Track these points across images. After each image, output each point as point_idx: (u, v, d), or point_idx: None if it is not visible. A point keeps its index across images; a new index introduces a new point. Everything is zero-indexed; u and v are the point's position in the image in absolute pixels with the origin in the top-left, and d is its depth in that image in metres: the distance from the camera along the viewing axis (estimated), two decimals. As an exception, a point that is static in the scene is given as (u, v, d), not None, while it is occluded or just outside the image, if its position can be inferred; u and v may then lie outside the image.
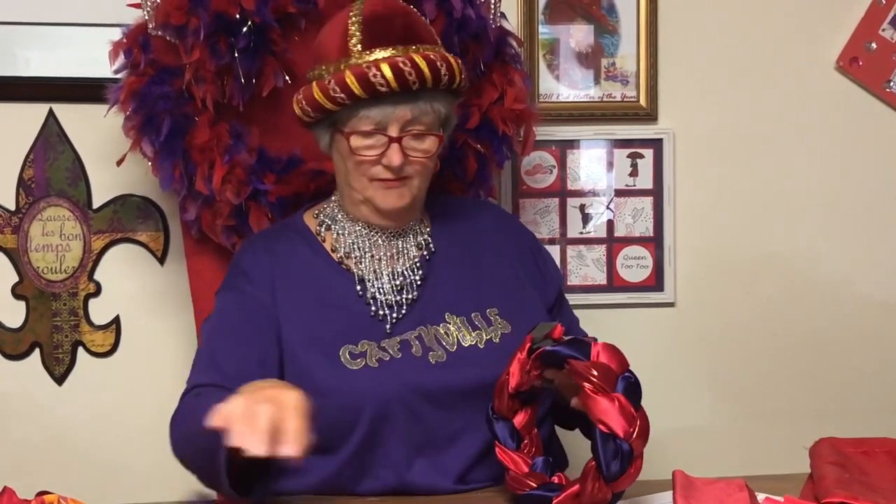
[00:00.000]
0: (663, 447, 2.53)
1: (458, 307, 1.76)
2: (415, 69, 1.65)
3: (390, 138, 1.69)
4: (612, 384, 1.45)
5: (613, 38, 2.46)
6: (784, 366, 2.56)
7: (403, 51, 1.67)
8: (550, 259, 1.97)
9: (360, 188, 1.74)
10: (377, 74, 1.64)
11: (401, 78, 1.65)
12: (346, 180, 1.76)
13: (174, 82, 1.96)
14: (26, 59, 2.25)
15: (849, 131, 2.53)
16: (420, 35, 1.73)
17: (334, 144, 1.76)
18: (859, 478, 1.55)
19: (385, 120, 1.68)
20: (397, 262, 1.79)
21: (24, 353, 2.30)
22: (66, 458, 2.32)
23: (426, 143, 1.73)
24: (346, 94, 1.66)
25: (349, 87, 1.65)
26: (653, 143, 2.48)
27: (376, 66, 1.64)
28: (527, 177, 2.47)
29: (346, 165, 1.74)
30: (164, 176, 1.99)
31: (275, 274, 1.75)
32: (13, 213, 2.29)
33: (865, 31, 2.48)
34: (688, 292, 2.52)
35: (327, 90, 1.67)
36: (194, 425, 1.44)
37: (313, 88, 1.69)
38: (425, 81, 1.67)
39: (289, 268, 1.77)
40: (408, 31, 1.71)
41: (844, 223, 2.55)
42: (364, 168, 1.71)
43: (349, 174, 1.74)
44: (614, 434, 1.42)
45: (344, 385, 1.66)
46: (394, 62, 1.65)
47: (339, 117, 1.71)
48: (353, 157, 1.71)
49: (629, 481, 1.46)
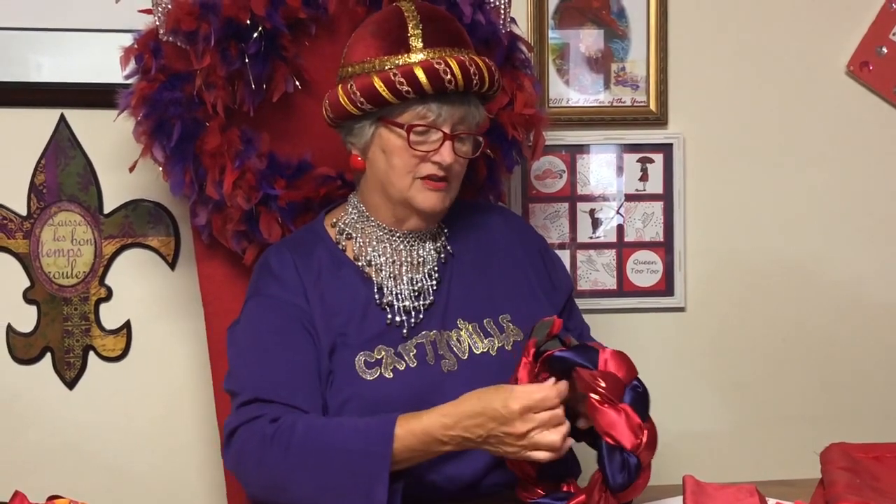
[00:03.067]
0: (674, 452, 2.53)
1: (471, 313, 1.77)
2: (479, 72, 1.70)
3: (445, 135, 1.70)
4: (619, 394, 1.44)
5: (623, 43, 2.46)
6: (794, 370, 2.55)
7: (462, 52, 1.72)
8: (560, 263, 1.98)
9: (402, 186, 1.74)
10: (447, 71, 1.67)
11: (467, 77, 1.69)
12: (385, 177, 1.75)
13: (185, 88, 1.97)
14: (38, 64, 2.26)
15: (859, 136, 2.52)
16: (468, 42, 1.78)
17: (376, 139, 1.75)
18: (870, 483, 1.55)
19: (442, 117, 1.70)
20: (417, 269, 1.79)
21: (35, 358, 2.31)
22: (76, 462, 2.33)
23: (468, 144, 1.76)
24: (412, 88, 1.67)
25: (418, 81, 1.67)
26: (663, 147, 2.47)
27: (445, 63, 1.67)
28: (536, 181, 2.47)
29: (390, 161, 1.73)
30: (175, 181, 2.00)
31: (304, 279, 1.75)
32: (25, 218, 2.29)
33: (876, 36, 2.48)
34: (698, 297, 2.52)
35: (392, 82, 1.67)
36: (334, 444, 1.54)
37: (373, 79, 1.69)
38: (484, 84, 1.72)
39: (314, 275, 1.76)
40: (460, 35, 1.77)
41: (854, 228, 2.54)
42: (412, 164, 1.72)
43: (391, 171, 1.74)
44: (621, 446, 1.41)
45: (357, 395, 1.66)
46: (461, 61, 1.68)
47: (391, 111, 1.71)
48: (403, 152, 1.71)
49: (637, 492, 1.45)
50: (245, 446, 1.61)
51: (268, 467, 1.57)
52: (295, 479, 1.56)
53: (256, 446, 1.59)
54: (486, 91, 1.75)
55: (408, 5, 1.77)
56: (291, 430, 1.57)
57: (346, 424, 1.57)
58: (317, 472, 1.55)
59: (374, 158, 1.77)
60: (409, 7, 1.76)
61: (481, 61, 1.72)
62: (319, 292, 1.74)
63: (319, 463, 1.54)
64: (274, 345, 1.70)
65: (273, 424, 1.58)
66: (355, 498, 1.52)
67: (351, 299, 1.75)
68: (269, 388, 1.64)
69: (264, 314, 1.74)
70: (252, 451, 1.60)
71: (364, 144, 1.77)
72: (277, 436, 1.57)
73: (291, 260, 1.77)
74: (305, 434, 1.56)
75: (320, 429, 1.57)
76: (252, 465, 1.60)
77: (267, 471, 1.58)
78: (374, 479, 1.50)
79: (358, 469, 1.51)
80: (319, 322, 1.72)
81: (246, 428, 1.61)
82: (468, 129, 1.74)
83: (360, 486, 1.51)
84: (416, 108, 1.70)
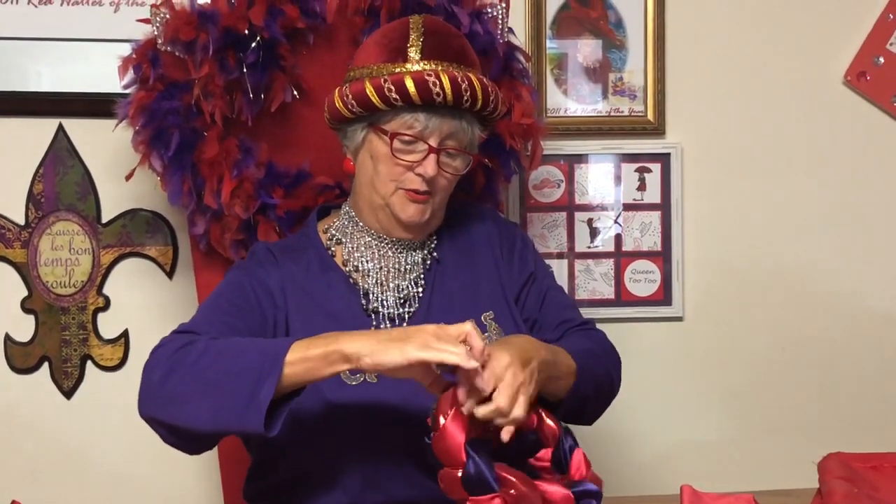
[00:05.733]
0: (671, 461, 2.53)
1: (453, 316, 1.76)
2: (471, 88, 1.70)
3: (430, 148, 1.71)
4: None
5: (621, 53, 2.47)
6: (792, 380, 2.55)
7: (459, 68, 1.71)
8: (524, 246, 1.92)
9: (385, 193, 1.74)
10: (437, 84, 1.67)
11: (457, 93, 1.68)
12: (370, 182, 1.76)
13: (183, 97, 1.97)
14: (37, 73, 2.26)
15: (856, 145, 2.53)
16: (472, 59, 1.77)
17: (366, 144, 1.76)
18: (868, 493, 1.55)
19: (429, 129, 1.71)
20: (403, 276, 1.80)
21: (33, 367, 2.31)
22: (74, 471, 2.33)
23: (458, 161, 1.76)
24: (400, 96, 1.68)
25: (406, 91, 1.67)
26: (660, 157, 2.48)
27: (436, 76, 1.67)
28: (534, 191, 2.47)
29: (376, 167, 1.74)
30: (173, 190, 2.00)
31: (286, 279, 1.75)
32: (23, 227, 2.29)
33: (873, 46, 2.48)
34: (696, 307, 2.52)
35: (382, 89, 1.68)
36: (225, 356, 1.50)
37: (365, 85, 1.70)
38: (476, 102, 1.72)
39: (300, 277, 1.77)
40: (462, 52, 1.76)
41: (853, 237, 2.54)
42: (396, 173, 1.72)
43: (376, 177, 1.75)
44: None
45: (342, 401, 1.66)
46: (453, 76, 1.68)
47: (381, 118, 1.72)
48: (388, 160, 1.72)
49: None
50: (151, 358, 1.59)
51: (170, 381, 1.53)
52: (183, 389, 1.52)
53: (159, 358, 1.56)
54: (480, 110, 1.74)
55: (416, 18, 1.78)
56: (194, 344, 1.55)
57: (246, 340, 1.56)
58: (204, 382, 1.50)
59: (362, 162, 1.78)
60: (416, 20, 1.77)
61: (477, 80, 1.71)
62: (303, 292, 1.75)
63: (213, 368, 1.51)
64: (227, 305, 1.70)
65: (183, 338, 1.57)
66: (238, 402, 1.46)
67: (336, 304, 1.75)
68: (204, 328, 1.63)
69: (232, 282, 1.75)
70: (155, 363, 1.57)
71: (355, 148, 1.79)
72: (179, 352, 1.54)
73: (274, 259, 1.78)
74: (206, 347, 1.53)
75: (222, 343, 1.54)
76: (149, 373, 1.57)
77: (169, 384, 1.53)
78: (263, 377, 1.45)
79: (247, 368, 1.47)
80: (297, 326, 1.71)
81: (161, 343, 1.60)
82: (458, 144, 1.74)
83: (245, 387, 1.45)
84: (404, 117, 1.70)
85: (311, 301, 1.75)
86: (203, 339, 1.56)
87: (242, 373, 1.47)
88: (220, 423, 1.50)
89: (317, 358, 1.46)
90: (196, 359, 1.52)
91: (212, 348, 1.53)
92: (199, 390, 1.50)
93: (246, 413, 1.45)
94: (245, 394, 1.46)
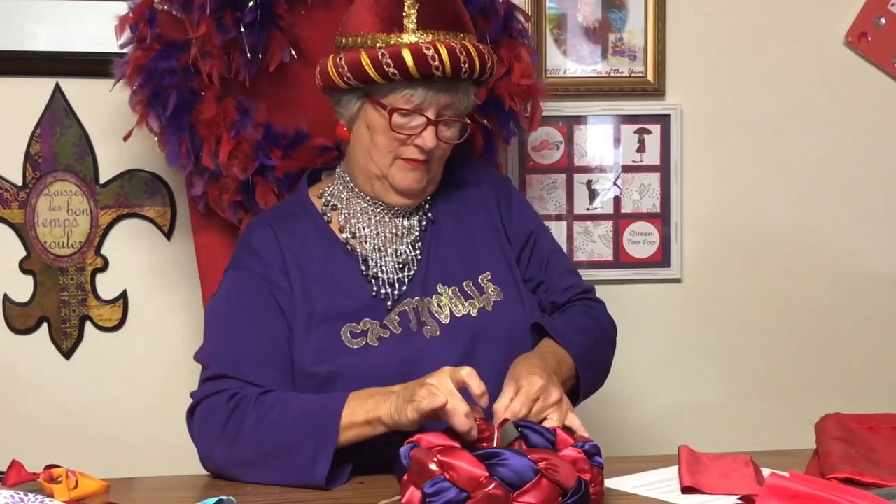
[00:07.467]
0: (669, 422, 2.55)
1: (450, 277, 1.77)
2: (469, 59, 1.68)
3: (428, 120, 1.69)
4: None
5: (621, 13, 2.45)
6: (790, 342, 2.56)
7: (456, 37, 1.69)
8: (520, 203, 1.93)
9: (382, 164, 1.73)
10: (435, 57, 1.65)
11: (456, 65, 1.67)
12: (367, 151, 1.75)
13: (180, 57, 1.96)
14: (34, 33, 2.25)
15: (857, 107, 2.52)
16: (466, 25, 1.75)
17: (362, 114, 1.75)
18: (865, 453, 1.55)
19: (426, 102, 1.69)
20: (401, 240, 1.79)
21: (31, 328, 2.31)
22: (73, 431, 2.34)
23: (454, 129, 1.75)
24: (398, 71, 1.66)
25: (404, 64, 1.65)
26: (660, 118, 2.47)
27: (434, 48, 1.65)
28: (534, 153, 2.46)
29: (373, 138, 1.73)
30: (171, 151, 1.99)
31: (285, 254, 1.75)
32: (20, 187, 2.29)
33: (875, 7, 2.47)
34: (694, 268, 2.52)
35: (379, 62, 1.66)
36: (284, 418, 1.56)
37: (361, 56, 1.67)
38: (474, 71, 1.70)
39: (297, 249, 1.76)
40: (457, 18, 1.73)
41: (852, 199, 2.54)
42: (394, 145, 1.71)
43: (373, 147, 1.73)
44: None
45: (344, 364, 1.66)
46: (451, 48, 1.66)
47: (377, 90, 1.70)
48: (386, 132, 1.71)
49: None
50: (205, 423, 1.63)
51: (231, 454, 1.60)
52: (246, 459, 1.59)
53: (214, 427, 1.61)
54: (478, 77, 1.73)
55: None
56: (244, 411, 1.59)
57: (294, 402, 1.60)
58: (266, 452, 1.57)
59: (358, 132, 1.77)
60: None
61: (473, 48, 1.69)
62: (301, 264, 1.75)
63: (270, 443, 1.57)
64: (243, 319, 1.70)
65: (231, 402, 1.61)
66: (300, 471, 1.54)
67: (335, 272, 1.75)
68: (232, 365, 1.65)
69: (239, 287, 1.74)
70: (211, 430, 1.62)
71: (350, 117, 1.77)
72: (232, 419, 1.59)
73: (273, 234, 1.77)
74: (258, 418, 1.58)
75: (275, 414, 1.58)
76: (210, 442, 1.62)
77: (231, 457, 1.60)
78: (320, 451, 1.53)
79: (303, 442, 1.54)
80: (298, 293, 1.72)
81: (206, 404, 1.64)
82: (454, 114, 1.73)
83: (305, 459, 1.54)
84: (402, 91, 1.68)
85: (311, 272, 1.75)
86: (251, 404, 1.60)
87: (300, 446, 1.55)
88: (284, 483, 1.57)
89: (361, 424, 1.54)
90: (253, 428, 1.58)
91: (265, 419, 1.58)
92: (262, 459, 1.58)
93: (308, 480, 1.55)
94: (304, 464, 1.54)
